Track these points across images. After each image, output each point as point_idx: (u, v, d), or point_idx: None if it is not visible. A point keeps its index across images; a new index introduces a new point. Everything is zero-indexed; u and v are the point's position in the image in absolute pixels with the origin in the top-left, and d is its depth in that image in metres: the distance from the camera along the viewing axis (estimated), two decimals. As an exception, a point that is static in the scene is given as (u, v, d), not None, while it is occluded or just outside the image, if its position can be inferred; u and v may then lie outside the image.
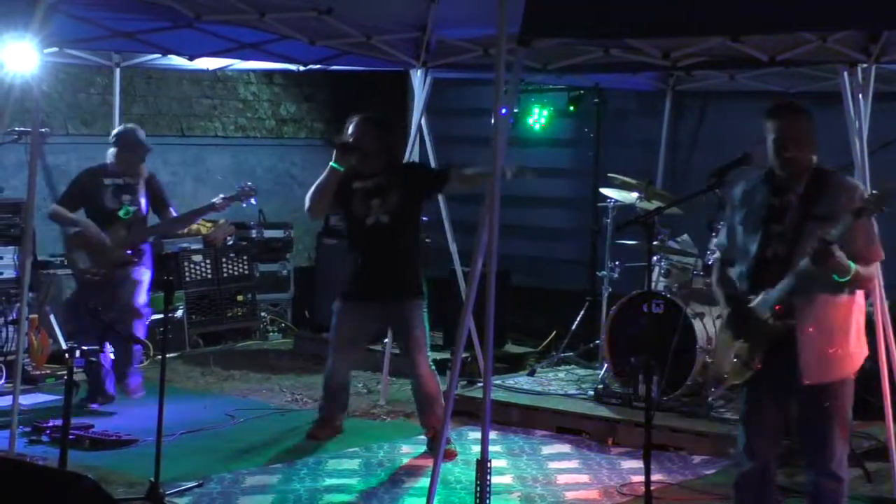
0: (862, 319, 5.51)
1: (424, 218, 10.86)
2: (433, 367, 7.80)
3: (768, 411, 5.49)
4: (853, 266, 5.20)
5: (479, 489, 5.74)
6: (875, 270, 5.40)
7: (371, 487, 7.17)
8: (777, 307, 5.31)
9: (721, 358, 5.64)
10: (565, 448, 8.15)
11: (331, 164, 7.66)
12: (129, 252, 8.92)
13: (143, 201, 9.08)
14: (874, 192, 5.23)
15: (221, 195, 9.22)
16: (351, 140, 7.70)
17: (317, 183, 7.73)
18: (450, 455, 7.51)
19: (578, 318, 10.36)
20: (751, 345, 5.42)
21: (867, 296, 5.86)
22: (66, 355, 6.22)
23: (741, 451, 5.58)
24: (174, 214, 9.20)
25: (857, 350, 5.45)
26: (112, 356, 8.73)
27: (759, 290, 5.39)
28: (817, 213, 5.30)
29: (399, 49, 8.88)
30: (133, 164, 9.09)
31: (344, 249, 8.33)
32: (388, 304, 7.79)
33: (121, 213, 9.01)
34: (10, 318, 9.51)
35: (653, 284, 8.82)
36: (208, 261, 11.52)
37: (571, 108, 11.57)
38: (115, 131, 9.31)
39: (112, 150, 9.12)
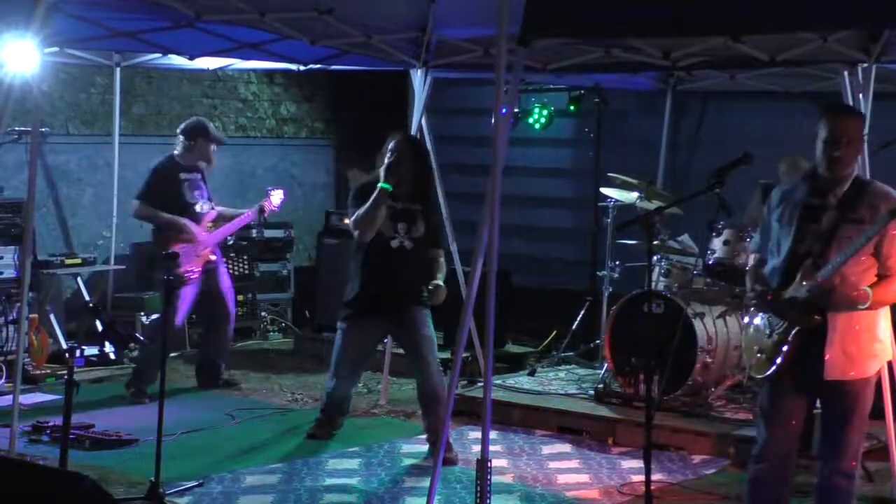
0: (886, 321, 5.54)
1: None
2: (441, 369, 7.80)
3: (789, 407, 5.51)
4: (870, 293, 5.24)
5: (479, 489, 5.74)
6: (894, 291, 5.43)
7: (371, 487, 7.17)
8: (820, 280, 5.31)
9: (749, 352, 5.65)
10: (566, 448, 8.15)
11: (380, 185, 7.60)
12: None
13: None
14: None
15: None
16: (393, 159, 7.65)
17: (366, 207, 7.61)
18: (450, 462, 7.46)
19: (579, 318, 10.35)
20: (778, 338, 5.42)
21: None
22: (67, 355, 6.22)
23: (759, 446, 5.59)
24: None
25: (881, 351, 5.49)
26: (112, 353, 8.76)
27: (790, 284, 5.40)
28: (854, 217, 5.33)
29: (399, 49, 8.88)
30: (207, 155, 9.40)
31: (345, 249, 8.31)
32: (398, 315, 7.80)
33: (197, 207, 9.30)
34: (10, 318, 9.50)
35: (653, 284, 8.82)
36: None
37: (572, 107, 11.56)
38: (185, 125, 9.50)
39: (187, 143, 9.33)
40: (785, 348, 5.41)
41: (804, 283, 5.33)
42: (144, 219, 9.43)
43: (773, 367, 5.46)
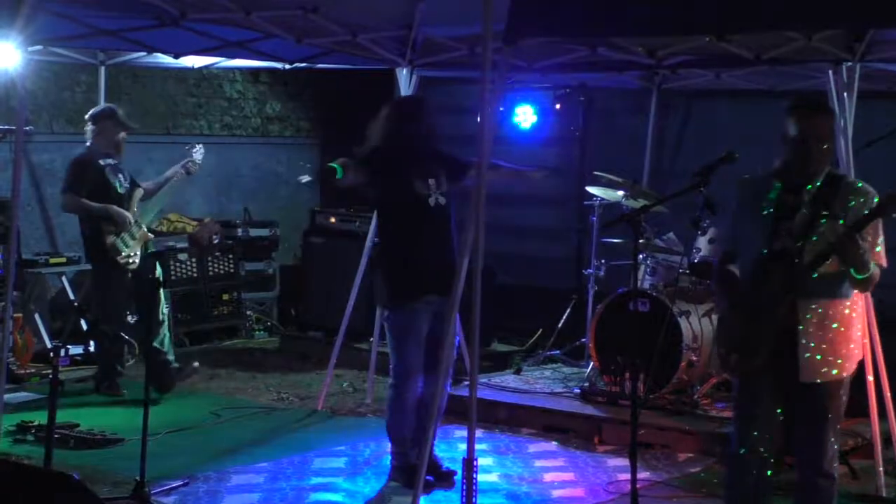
0: (861, 322, 5.53)
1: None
2: None
3: (766, 407, 5.50)
4: (873, 266, 5.23)
5: (465, 488, 5.74)
6: (878, 275, 5.40)
7: (357, 486, 7.17)
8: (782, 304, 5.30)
9: (721, 350, 5.63)
10: (551, 446, 8.16)
11: (329, 164, 7.19)
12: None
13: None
14: (890, 192, 5.23)
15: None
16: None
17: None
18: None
19: (564, 317, 10.36)
20: (754, 338, 5.40)
21: None
22: (52, 354, 6.21)
23: (736, 445, 5.59)
24: (143, 186, 9.51)
25: (856, 351, 5.48)
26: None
27: (763, 283, 5.38)
28: (828, 214, 5.31)
29: (385, 47, 8.88)
30: (114, 140, 9.33)
31: (331, 248, 8.25)
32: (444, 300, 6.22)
33: (120, 190, 9.23)
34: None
35: (639, 283, 8.83)
36: (194, 259, 11.50)
37: (557, 106, 11.57)
38: (92, 111, 9.48)
39: (94, 128, 9.31)
40: (761, 348, 5.40)
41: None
42: (74, 211, 9.34)
43: (749, 367, 5.45)
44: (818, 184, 5.39)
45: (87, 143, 9.31)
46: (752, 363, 5.41)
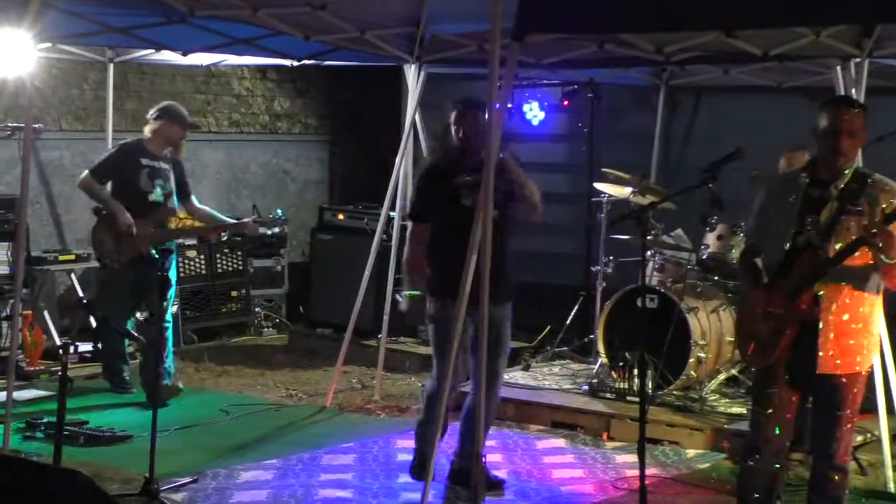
0: (880, 317, 5.55)
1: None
2: None
3: (782, 399, 5.51)
4: None
5: (474, 484, 5.74)
6: None
7: (366, 482, 7.17)
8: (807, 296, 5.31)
9: (739, 340, 5.65)
10: (560, 443, 8.16)
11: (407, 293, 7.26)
12: (153, 251, 8.53)
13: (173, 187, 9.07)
14: None
15: (254, 218, 9.38)
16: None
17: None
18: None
19: (573, 313, 10.35)
20: (774, 329, 5.41)
21: None
22: (61, 351, 6.22)
23: (752, 438, 5.60)
24: (196, 205, 9.25)
25: (873, 346, 5.50)
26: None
27: (787, 277, 5.39)
28: (854, 209, 5.32)
29: (393, 44, 8.88)
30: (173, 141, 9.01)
31: (338, 245, 8.21)
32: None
33: (152, 196, 8.94)
34: (3, 314, 9.49)
35: (647, 279, 8.83)
36: (202, 256, 11.51)
37: (565, 102, 11.56)
38: (155, 107, 9.16)
39: (150, 125, 9.02)
40: (780, 340, 5.41)
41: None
42: (83, 189, 9.05)
43: (769, 359, 5.47)
44: (845, 179, 5.41)
45: (141, 138, 9.08)
46: (772, 355, 5.43)
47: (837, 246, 5.30)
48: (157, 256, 8.21)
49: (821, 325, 5.35)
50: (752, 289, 5.64)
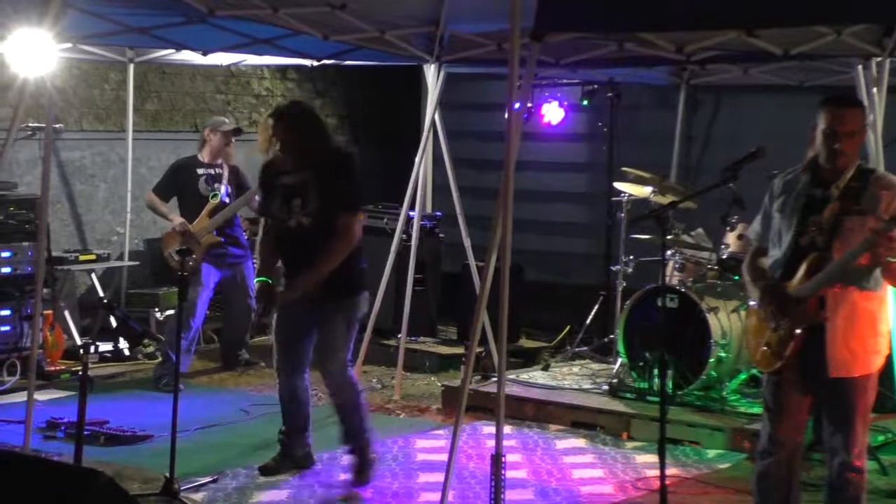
0: (889, 313, 5.51)
1: (438, 213, 10.91)
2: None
3: (794, 402, 5.49)
4: None
5: (493, 484, 5.74)
6: None
7: (386, 482, 7.17)
8: (812, 299, 5.29)
9: (751, 344, 5.62)
10: (580, 442, 8.15)
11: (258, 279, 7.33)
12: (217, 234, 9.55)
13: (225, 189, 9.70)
14: None
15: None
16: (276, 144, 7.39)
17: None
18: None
19: (593, 313, 10.34)
20: (783, 333, 5.39)
21: None
22: (81, 351, 6.23)
23: (765, 441, 5.57)
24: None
25: (883, 346, 5.46)
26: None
27: (792, 277, 5.37)
28: (857, 208, 5.28)
29: (412, 44, 8.89)
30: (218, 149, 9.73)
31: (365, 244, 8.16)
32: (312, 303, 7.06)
33: (212, 199, 9.65)
34: (24, 314, 9.51)
35: (667, 279, 8.81)
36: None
37: (585, 102, 11.54)
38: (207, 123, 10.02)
39: (201, 139, 9.80)
40: (790, 343, 5.38)
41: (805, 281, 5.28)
42: (148, 206, 9.92)
43: (779, 363, 5.44)
44: (847, 178, 5.37)
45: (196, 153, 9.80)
46: (781, 359, 5.40)
47: (841, 247, 5.26)
48: (223, 240, 9.54)
49: (828, 328, 5.31)
50: (757, 292, 5.60)
